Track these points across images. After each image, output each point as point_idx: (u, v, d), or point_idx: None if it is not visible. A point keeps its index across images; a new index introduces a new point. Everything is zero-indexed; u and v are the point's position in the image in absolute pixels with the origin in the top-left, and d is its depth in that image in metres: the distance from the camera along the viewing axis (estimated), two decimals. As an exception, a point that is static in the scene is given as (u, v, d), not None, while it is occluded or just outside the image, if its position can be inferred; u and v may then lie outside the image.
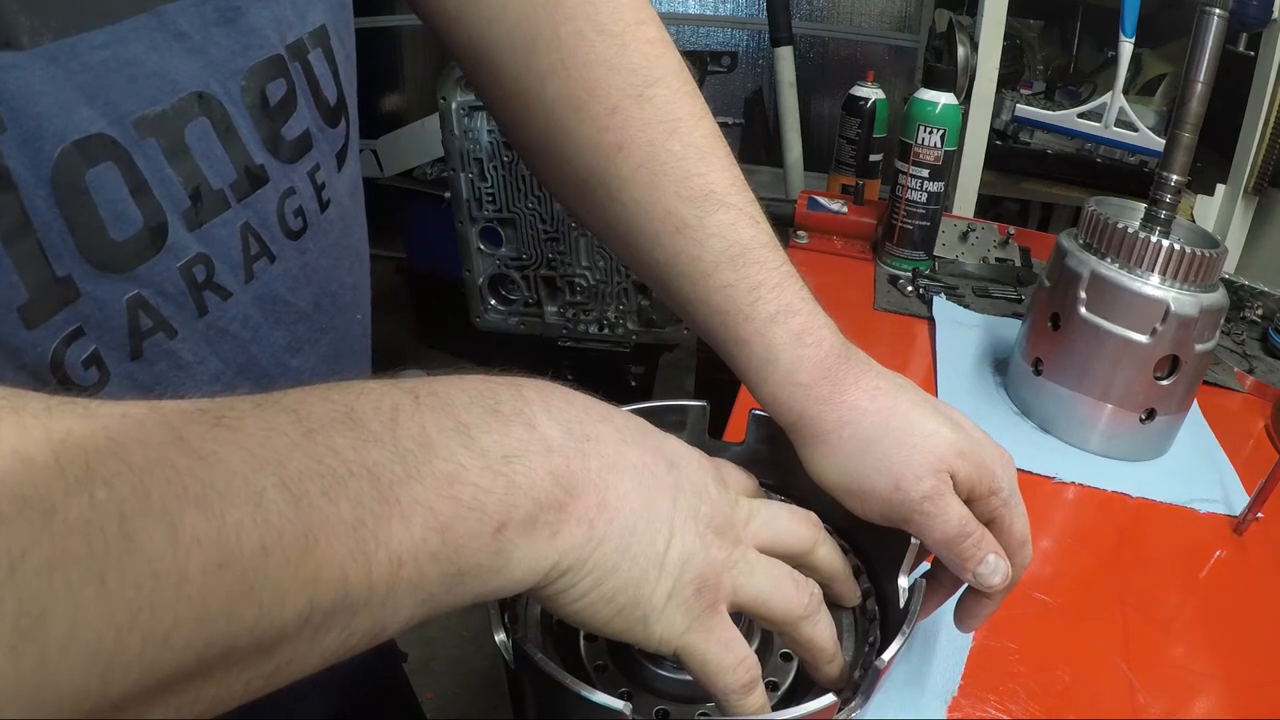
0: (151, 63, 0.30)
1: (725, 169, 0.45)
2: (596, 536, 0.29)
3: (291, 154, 0.38)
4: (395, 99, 2.42)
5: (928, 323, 0.92)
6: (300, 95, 0.38)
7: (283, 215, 0.37)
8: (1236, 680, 0.52)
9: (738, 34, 2.15)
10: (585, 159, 0.45)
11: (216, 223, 0.34)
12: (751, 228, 0.44)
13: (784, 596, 0.34)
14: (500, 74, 0.46)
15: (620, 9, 0.45)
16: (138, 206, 0.30)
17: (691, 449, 0.36)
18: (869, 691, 0.35)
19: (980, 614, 0.42)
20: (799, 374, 0.41)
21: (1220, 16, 0.62)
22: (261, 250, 0.36)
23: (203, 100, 0.32)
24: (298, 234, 0.39)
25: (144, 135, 0.30)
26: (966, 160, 1.39)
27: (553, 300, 1.38)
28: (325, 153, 0.41)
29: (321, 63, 0.40)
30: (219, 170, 0.34)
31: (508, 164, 1.25)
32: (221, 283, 0.35)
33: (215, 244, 0.34)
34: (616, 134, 0.44)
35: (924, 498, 0.39)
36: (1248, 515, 0.63)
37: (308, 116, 0.39)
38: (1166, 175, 0.66)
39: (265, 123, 0.36)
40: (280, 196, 0.37)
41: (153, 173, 0.31)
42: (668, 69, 0.46)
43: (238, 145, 0.34)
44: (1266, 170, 1.25)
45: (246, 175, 0.35)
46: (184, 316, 0.33)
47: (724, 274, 0.43)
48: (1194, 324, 0.65)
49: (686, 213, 0.43)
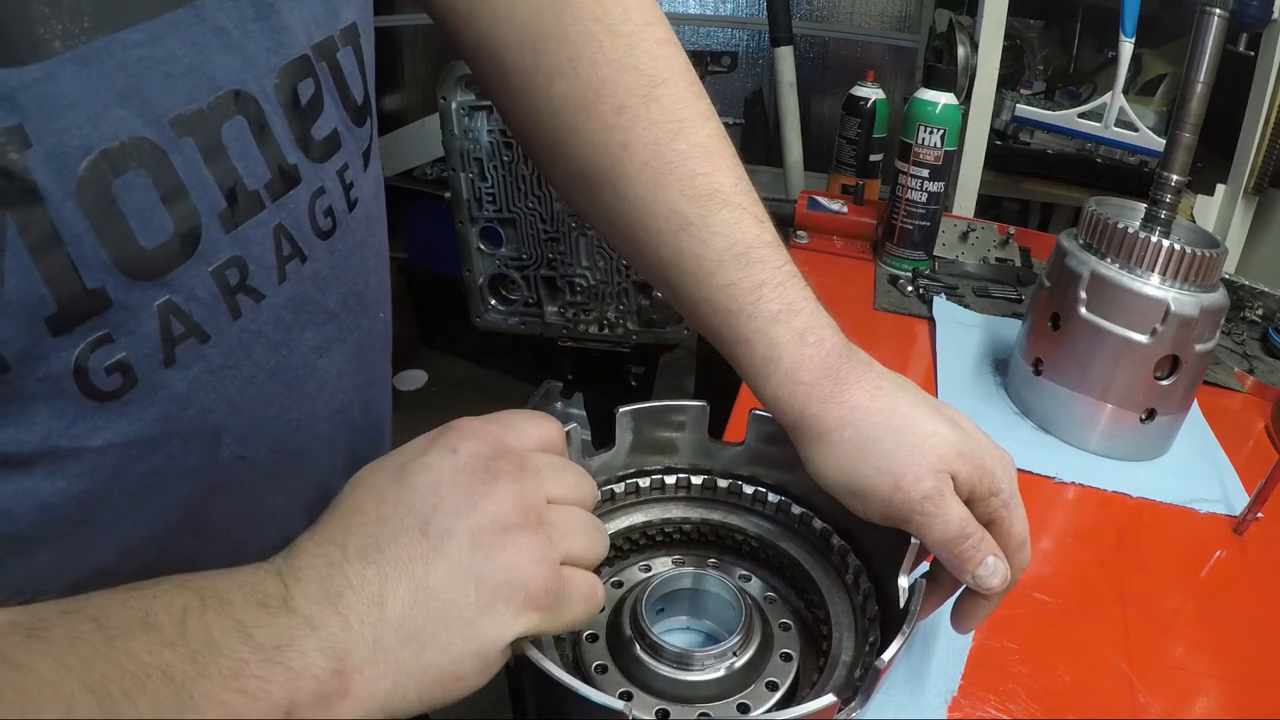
0: (190, 60, 0.30)
1: (730, 169, 0.45)
2: (389, 674, 0.29)
3: (322, 153, 0.38)
4: (395, 99, 2.41)
5: (928, 323, 0.92)
6: (327, 95, 0.38)
7: (314, 215, 0.38)
8: (1236, 680, 0.52)
9: (738, 34, 2.15)
10: (591, 157, 0.45)
11: (251, 224, 0.34)
12: (755, 227, 0.44)
13: (594, 546, 0.36)
14: (508, 73, 0.46)
15: (629, 10, 0.45)
16: (169, 212, 0.30)
17: (449, 446, 0.34)
18: (869, 691, 0.35)
19: (978, 615, 0.42)
20: (801, 372, 0.42)
21: (1220, 16, 0.62)
22: (294, 251, 0.37)
23: (240, 98, 0.32)
24: (328, 234, 0.39)
25: (181, 134, 0.30)
26: (966, 160, 1.39)
27: (553, 300, 1.38)
28: (353, 151, 0.41)
29: (350, 61, 0.40)
30: (254, 170, 0.34)
31: (508, 164, 1.25)
32: (255, 285, 0.35)
33: (249, 246, 0.34)
34: (623, 133, 0.44)
35: (924, 498, 0.38)
36: (1248, 515, 0.63)
37: (335, 116, 0.39)
38: (1166, 175, 0.66)
39: (297, 121, 0.36)
40: (312, 196, 0.37)
41: (189, 174, 0.31)
42: (675, 70, 0.46)
43: (272, 144, 0.34)
44: (1266, 170, 1.25)
45: (280, 175, 0.35)
46: (217, 321, 0.33)
47: (727, 273, 0.43)
48: (1194, 324, 0.65)
49: (691, 211, 0.43)
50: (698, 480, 0.50)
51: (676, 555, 0.50)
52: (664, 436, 0.49)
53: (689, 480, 0.50)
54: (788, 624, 0.45)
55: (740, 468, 0.50)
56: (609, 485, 0.48)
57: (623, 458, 0.49)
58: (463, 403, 2.27)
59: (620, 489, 0.49)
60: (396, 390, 2.19)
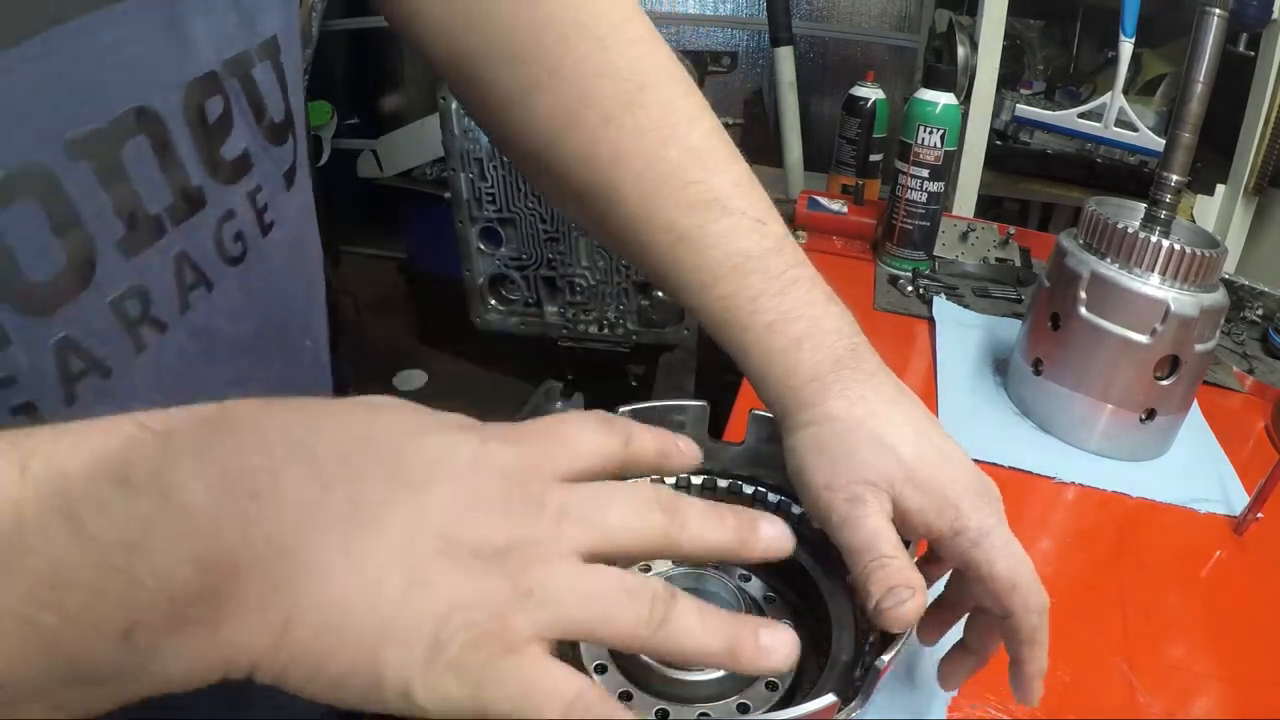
0: (88, 75, 0.28)
1: (726, 170, 0.44)
2: (278, 621, 0.23)
3: (230, 175, 0.35)
4: (395, 99, 2.42)
5: (928, 323, 0.92)
6: (238, 113, 0.35)
7: (220, 240, 0.35)
8: (1236, 680, 0.52)
9: (738, 34, 2.15)
10: (581, 171, 0.44)
11: (151, 251, 0.31)
12: (755, 233, 0.43)
13: (614, 619, 0.26)
14: (487, 88, 0.45)
15: (601, 9, 0.44)
16: (63, 241, 0.27)
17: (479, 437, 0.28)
18: (869, 691, 0.35)
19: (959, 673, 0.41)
20: (792, 377, 0.41)
21: (1220, 16, 0.62)
22: (198, 279, 0.34)
23: (142, 116, 0.30)
24: (237, 259, 0.36)
25: (76, 158, 0.27)
26: (966, 160, 1.39)
27: (553, 300, 1.38)
28: (269, 173, 0.38)
29: (268, 77, 0.37)
30: (155, 194, 0.31)
31: (508, 164, 1.25)
32: (158, 315, 0.32)
33: (150, 274, 0.31)
34: (611, 145, 0.43)
35: (846, 499, 0.37)
36: (1248, 515, 0.63)
37: (247, 135, 0.36)
38: (1166, 175, 0.66)
39: (203, 141, 0.33)
40: (219, 220, 0.35)
41: (85, 201, 0.28)
42: (658, 68, 0.44)
43: (175, 166, 0.32)
44: (1266, 170, 1.25)
45: (184, 197, 0.32)
46: (119, 355, 0.30)
47: (724, 285, 0.42)
48: (1194, 324, 0.65)
49: (686, 223, 0.42)
50: (698, 480, 0.50)
51: (676, 555, 0.50)
52: (664, 436, 0.49)
53: (689, 480, 0.50)
54: (788, 624, 0.45)
55: (740, 468, 0.50)
56: (609, 485, 0.48)
57: (622, 458, 0.49)
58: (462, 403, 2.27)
59: (620, 489, 0.49)
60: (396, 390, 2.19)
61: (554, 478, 0.28)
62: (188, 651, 0.22)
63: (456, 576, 0.25)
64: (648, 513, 0.28)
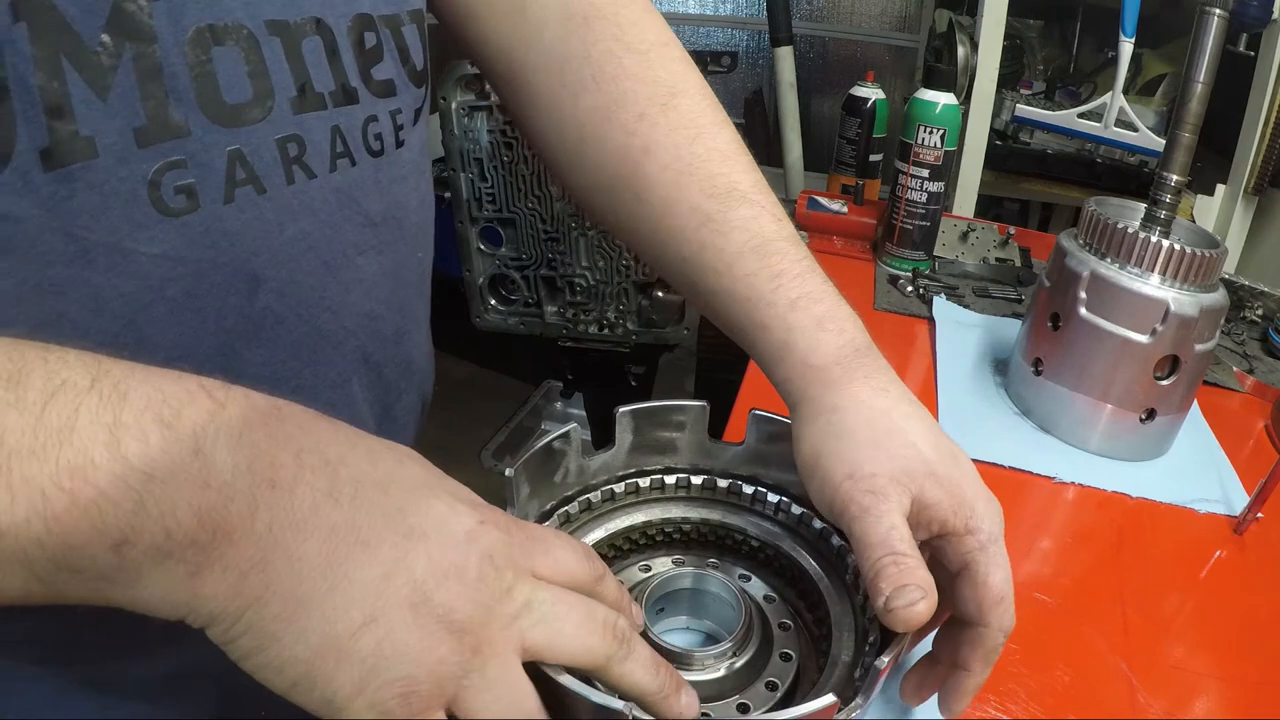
0: None
1: (748, 171, 0.48)
2: (249, 594, 0.26)
3: (379, 90, 0.43)
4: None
5: (928, 323, 0.92)
6: (388, 51, 0.44)
7: (365, 133, 0.43)
8: (1236, 680, 0.52)
9: (738, 34, 2.15)
10: (614, 164, 0.48)
11: (313, 116, 0.39)
12: (774, 223, 0.46)
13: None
14: (535, 93, 0.50)
15: (645, 30, 0.50)
16: (251, 84, 0.36)
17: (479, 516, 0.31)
18: (869, 691, 0.35)
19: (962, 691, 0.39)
20: (814, 356, 0.42)
21: (1220, 16, 0.62)
22: (345, 151, 0.41)
23: (319, 25, 0.39)
24: (376, 154, 0.44)
25: (272, 34, 0.37)
26: (966, 160, 1.39)
27: (553, 300, 1.38)
28: (407, 103, 0.46)
29: (413, 34, 0.46)
30: (322, 79, 0.40)
31: (508, 164, 1.25)
32: (309, 164, 0.39)
33: (309, 131, 0.39)
34: (644, 138, 0.47)
35: (867, 491, 0.37)
36: (1248, 515, 0.63)
37: (393, 68, 0.44)
38: (1166, 175, 0.66)
39: (361, 58, 0.42)
40: (366, 119, 0.43)
41: (273, 62, 0.37)
42: (691, 83, 0.50)
43: (339, 66, 0.41)
44: (1266, 170, 1.25)
45: (343, 91, 0.41)
46: (273, 180, 0.38)
47: (747, 263, 0.44)
48: (1194, 324, 0.65)
49: (711, 207, 0.46)
50: (698, 480, 0.50)
51: (676, 555, 0.50)
52: (664, 436, 0.49)
53: (689, 480, 0.50)
54: (788, 624, 0.45)
55: (740, 468, 0.50)
56: (609, 485, 0.48)
57: (623, 458, 0.49)
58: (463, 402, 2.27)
59: (620, 489, 0.49)
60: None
61: (528, 572, 0.31)
62: (162, 585, 0.25)
63: (416, 634, 0.27)
64: (601, 635, 0.31)
